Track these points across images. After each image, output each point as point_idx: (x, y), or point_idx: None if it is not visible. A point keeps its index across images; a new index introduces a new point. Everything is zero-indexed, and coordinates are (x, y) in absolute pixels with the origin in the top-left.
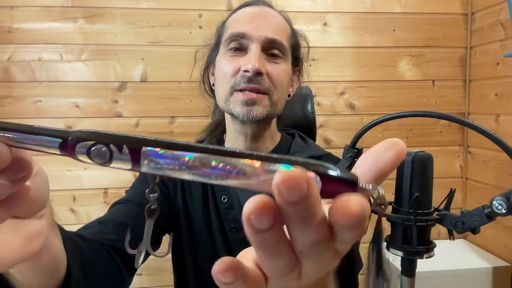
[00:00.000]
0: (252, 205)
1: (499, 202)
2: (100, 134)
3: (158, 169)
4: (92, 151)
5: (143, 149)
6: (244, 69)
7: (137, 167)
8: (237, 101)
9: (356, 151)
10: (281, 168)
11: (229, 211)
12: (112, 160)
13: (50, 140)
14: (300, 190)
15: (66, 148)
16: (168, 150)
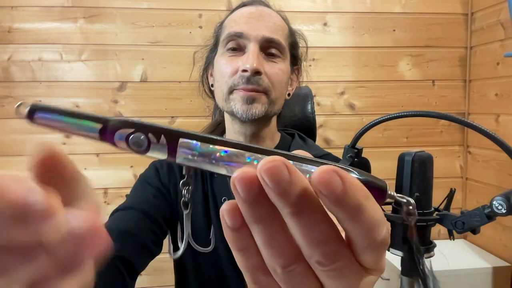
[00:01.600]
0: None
1: (499, 202)
2: (139, 123)
3: (193, 161)
4: (131, 138)
5: (180, 140)
6: (243, 68)
7: (172, 158)
8: (237, 99)
9: (356, 151)
10: (312, 169)
11: None
12: (149, 149)
13: (91, 125)
14: (279, 175)
15: (106, 134)
16: (204, 143)
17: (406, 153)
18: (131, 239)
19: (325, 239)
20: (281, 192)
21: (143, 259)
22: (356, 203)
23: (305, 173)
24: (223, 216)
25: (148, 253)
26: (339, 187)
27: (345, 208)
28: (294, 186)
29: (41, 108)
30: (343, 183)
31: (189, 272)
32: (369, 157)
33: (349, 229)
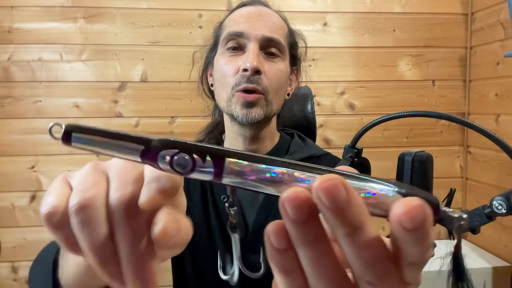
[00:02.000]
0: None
1: (499, 202)
2: (183, 143)
3: (240, 182)
4: (175, 160)
5: (227, 160)
6: (243, 67)
7: (218, 179)
8: (237, 103)
9: (356, 151)
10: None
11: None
12: (194, 171)
13: (132, 146)
14: (337, 194)
15: (148, 156)
16: (252, 163)
17: (406, 153)
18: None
19: (379, 260)
20: (338, 212)
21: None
22: (426, 231)
23: (360, 192)
24: (269, 237)
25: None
26: (421, 221)
27: (416, 237)
28: (352, 205)
29: (78, 129)
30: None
31: (188, 272)
32: (369, 157)
33: (406, 248)
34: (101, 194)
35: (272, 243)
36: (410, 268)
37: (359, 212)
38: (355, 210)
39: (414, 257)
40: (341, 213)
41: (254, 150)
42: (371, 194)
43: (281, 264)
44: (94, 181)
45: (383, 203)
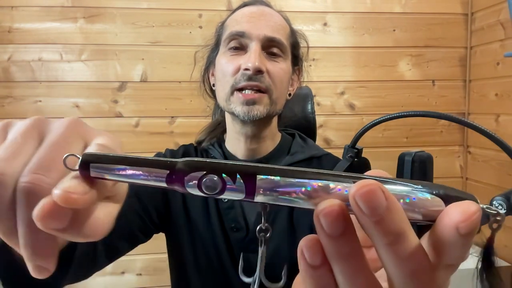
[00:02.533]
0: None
1: (499, 202)
2: (210, 164)
3: (273, 199)
4: (204, 182)
5: (258, 177)
6: (245, 67)
7: (251, 197)
8: (237, 101)
9: (356, 151)
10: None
11: (229, 211)
12: (224, 191)
13: (156, 172)
14: (376, 200)
15: (174, 180)
16: (285, 178)
17: (406, 153)
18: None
19: (422, 270)
20: (378, 219)
21: (125, 241)
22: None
23: (399, 197)
24: (303, 252)
25: (132, 237)
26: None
27: (468, 238)
28: (392, 211)
29: (97, 159)
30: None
31: (190, 271)
32: (369, 157)
33: (452, 252)
34: (17, 169)
35: (306, 259)
36: (447, 270)
37: (400, 219)
38: (396, 217)
39: (455, 259)
40: (381, 221)
41: (256, 149)
42: (411, 199)
43: (315, 280)
44: (18, 149)
45: (422, 207)
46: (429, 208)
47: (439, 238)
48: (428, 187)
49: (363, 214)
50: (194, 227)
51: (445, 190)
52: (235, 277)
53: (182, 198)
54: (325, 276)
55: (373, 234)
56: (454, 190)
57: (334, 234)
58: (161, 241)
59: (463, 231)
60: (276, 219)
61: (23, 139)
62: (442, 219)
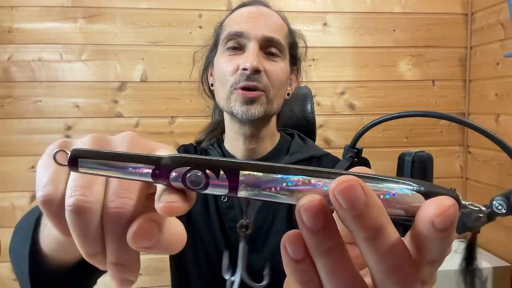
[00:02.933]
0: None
1: (499, 202)
2: (195, 159)
3: (256, 194)
4: (188, 177)
5: (241, 173)
6: (243, 67)
7: (234, 192)
8: (236, 100)
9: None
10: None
11: (229, 210)
12: (208, 186)
13: (141, 167)
14: (355, 195)
15: (159, 175)
16: (267, 174)
17: (406, 153)
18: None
19: (402, 265)
20: (357, 214)
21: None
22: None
23: (379, 193)
24: (286, 247)
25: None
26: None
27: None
28: (371, 207)
29: (85, 153)
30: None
31: (191, 271)
32: (369, 157)
33: (431, 248)
34: (99, 196)
35: (289, 253)
36: (430, 267)
37: (379, 214)
38: (375, 212)
39: (436, 255)
40: (360, 215)
41: (255, 149)
42: (390, 194)
43: (298, 275)
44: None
45: (403, 203)
46: (410, 204)
47: (417, 233)
48: (408, 183)
49: (342, 209)
50: (194, 227)
51: (426, 186)
52: None
53: None
54: (308, 270)
55: (353, 229)
56: (435, 187)
57: (314, 229)
58: None
59: (438, 226)
60: (275, 219)
61: None
62: (418, 214)
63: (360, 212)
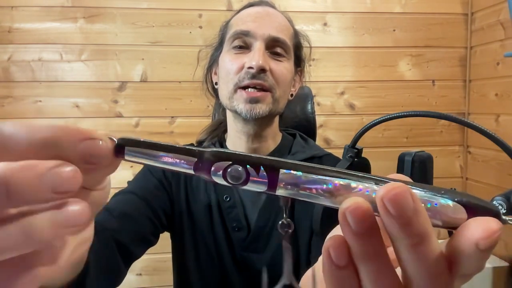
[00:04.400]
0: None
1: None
2: (236, 155)
3: (294, 193)
4: (229, 172)
5: (281, 171)
6: (248, 65)
7: (273, 190)
8: (240, 99)
9: (356, 151)
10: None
11: (231, 210)
12: (248, 182)
13: (184, 159)
14: (405, 202)
15: (201, 168)
16: (307, 174)
17: (406, 153)
18: (130, 223)
19: (441, 273)
20: (405, 221)
21: (139, 246)
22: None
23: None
24: (328, 252)
25: (145, 241)
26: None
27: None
28: (419, 215)
29: (132, 143)
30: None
31: (192, 271)
32: (369, 157)
33: (469, 263)
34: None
35: (332, 259)
36: (461, 279)
37: (425, 221)
38: (422, 219)
39: (471, 270)
40: (408, 223)
41: (257, 149)
42: (432, 204)
43: (340, 282)
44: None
45: (444, 214)
46: (451, 215)
47: (457, 248)
48: (450, 193)
49: (390, 216)
50: (197, 226)
51: (468, 198)
52: (236, 276)
53: (185, 198)
54: (351, 277)
55: (398, 236)
56: (477, 199)
57: (360, 232)
58: (161, 241)
59: (483, 248)
60: (276, 219)
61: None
62: (462, 231)
63: (409, 219)
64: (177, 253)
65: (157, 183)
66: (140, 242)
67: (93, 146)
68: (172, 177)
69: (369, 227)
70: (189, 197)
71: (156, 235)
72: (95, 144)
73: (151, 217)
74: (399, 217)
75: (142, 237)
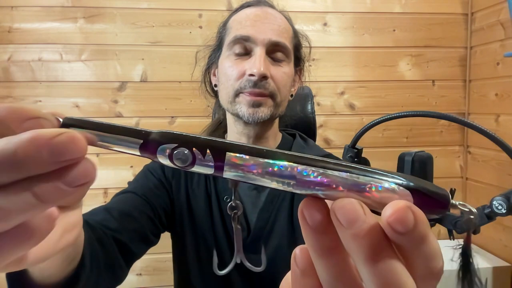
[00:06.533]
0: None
1: (499, 202)
2: (183, 136)
3: (241, 176)
4: (175, 154)
5: (227, 154)
6: (250, 73)
7: (219, 173)
8: (243, 102)
9: (356, 151)
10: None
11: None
12: (194, 165)
13: (131, 140)
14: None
15: (147, 149)
16: (253, 157)
17: (406, 153)
18: (131, 222)
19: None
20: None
21: (140, 245)
22: (423, 234)
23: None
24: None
25: (146, 240)
26: (411, 223)
27: (413, 241)
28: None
29: (76, 122)
30: (415, 219)
31: (193, 271)
32: (369, 157)
33: (412, 261)
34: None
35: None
36: (423, 283)
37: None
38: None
39: (421, 267)
40: (408, 233)
41: None
42: (376, 188)
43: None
44: None
45: (387, 198)
46: (395, 199)
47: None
48: (398, 178)
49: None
50: (197, 226)
51: (416, 183)
52: (236, 277)
53: (186, 198)
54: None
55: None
56: (426, 183)
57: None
58: (161, 241)
59: (394, 226)
60: (276, 220)
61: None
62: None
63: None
64: (178, 253)
65: (157, 182)
66: (140, 241)
67: (37, 125)
68: (172, 177)
69: (322, 220)
70: (190, 197)
71: (156, 234)
72: (40, 123)
73: (151, 216)
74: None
75: (143, 236)
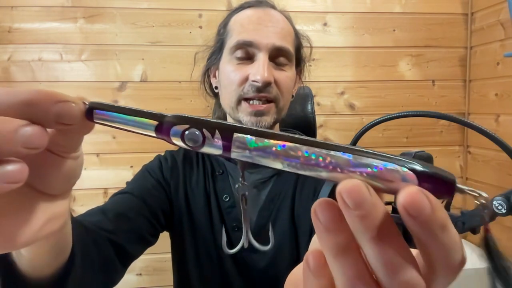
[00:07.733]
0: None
1: (499, 202)
2: (194, 119)
3: (247, 156)
4: (186, 135)
5: (234, 135)
6: (253, 79)
7: (227, 153)
8: (245, 111)
9: None
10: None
11: (231, 210)
12: (204, 145)
13: (147, 122)
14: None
15: (161, 130)
16: (259, 137)
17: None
18: (127, 223)
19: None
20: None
21: (137, 246)
22: (442, 222)
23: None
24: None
25: (143, 241)
26: (428, 209)
27: (431, 229)
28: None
29: (100, 106)
30: (431, 203)
31: (192, 271)
32: None
33: (431, 251)
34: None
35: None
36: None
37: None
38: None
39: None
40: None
41: None
42: (378, 168)
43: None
44: None
45: (389, 179)
46: (397, 181)
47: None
48: (406, 161)
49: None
50: (197, 226)
51: (423, 167)
52: (236, 276)
53: (185, 198)
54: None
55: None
56: (433, 167)
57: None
58: (161, 241)
59: (410, 211)
60: (277, 220)
61: None
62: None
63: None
64: (177, 253)
65: (155, 183)
66: (137, 242)
67: (66, 107)
68: (171, 178)
69: (335, 218)
70: (189, 197)
71: (154, 235)
72: (68, 105)
73: (148, 217)
74: (355, 209)
75: (139, 237)
